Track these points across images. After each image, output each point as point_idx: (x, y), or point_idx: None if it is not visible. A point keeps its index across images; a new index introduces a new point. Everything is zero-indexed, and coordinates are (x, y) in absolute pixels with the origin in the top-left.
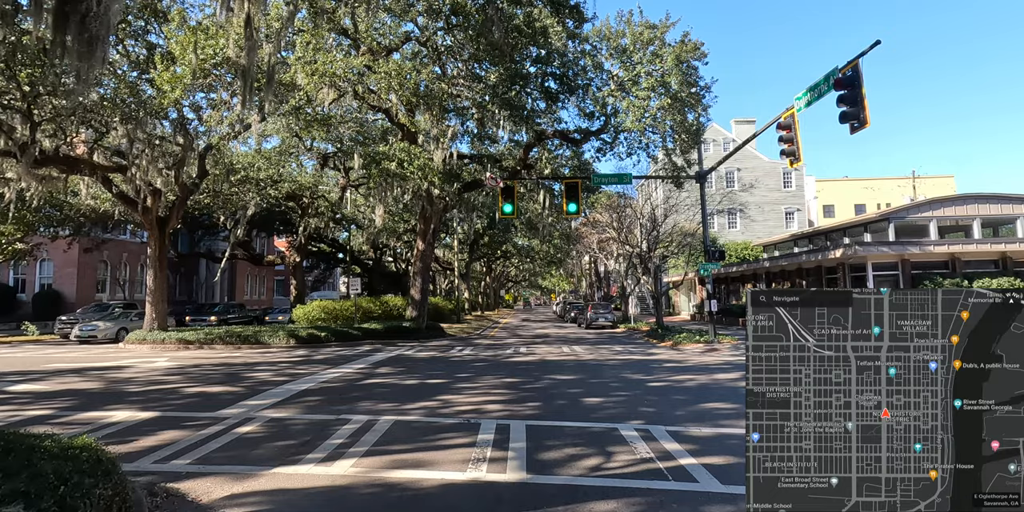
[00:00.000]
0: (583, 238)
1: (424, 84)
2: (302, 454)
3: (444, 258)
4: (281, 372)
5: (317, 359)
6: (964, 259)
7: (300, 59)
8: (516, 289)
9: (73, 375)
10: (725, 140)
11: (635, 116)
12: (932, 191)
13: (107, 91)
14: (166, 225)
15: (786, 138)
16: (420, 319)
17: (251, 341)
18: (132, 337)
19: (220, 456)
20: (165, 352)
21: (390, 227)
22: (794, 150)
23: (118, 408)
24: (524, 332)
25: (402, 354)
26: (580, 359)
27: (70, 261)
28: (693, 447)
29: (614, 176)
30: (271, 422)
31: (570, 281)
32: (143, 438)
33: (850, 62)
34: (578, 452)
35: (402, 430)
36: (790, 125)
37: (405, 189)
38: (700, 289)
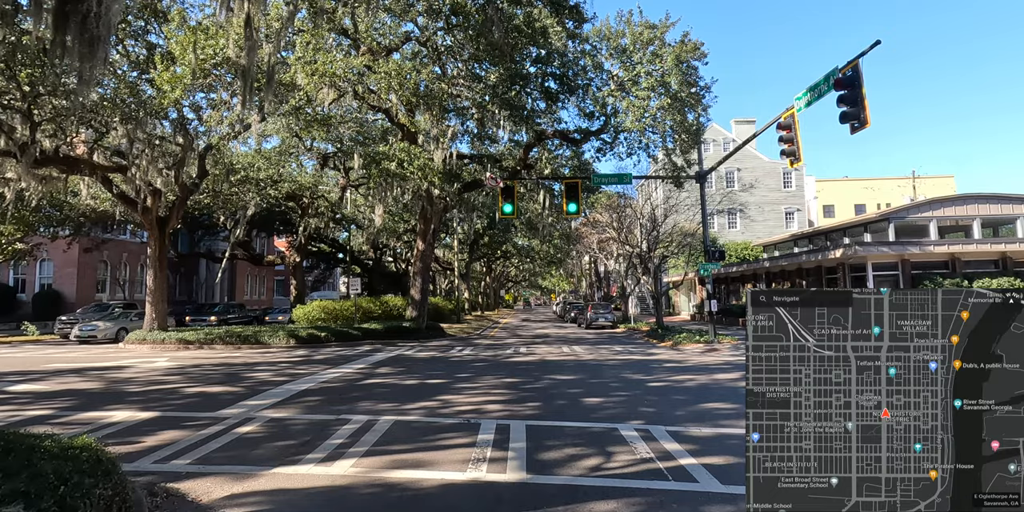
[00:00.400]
0: (583, 238)
1: (424, 84)
2: (302, 454)
3: (444, 258)
4: (281, 372)
5: (317, 359)
6: (964, 259)
7: (300, 59)
8: (516, 289)
9: (73, 375)
10: (725, 140)
11: (635, 116)
12: (932, 191)
13: (107, 91)
14: (166, 225)
15: (786, 138)
16: (420, 319)
17: (251, 341)
18: (132, 337)
19: (220, 456)
20: (165, 352)
21: (390, 227)
22: (794, 150)
23: (118, 408)
24: (524, 332)
25: (402, 354)
26: (580, 359)
27: (70, 261)
28: (693, 447)
29: (614, 176)
30: (271, 422)
31: (570, 281)
32: (143, 438)
33: (850, 62)
34: (578, 452)
35: (402, 430)
36: (790, 125)
37: (405, 189)
38: (700, 289)
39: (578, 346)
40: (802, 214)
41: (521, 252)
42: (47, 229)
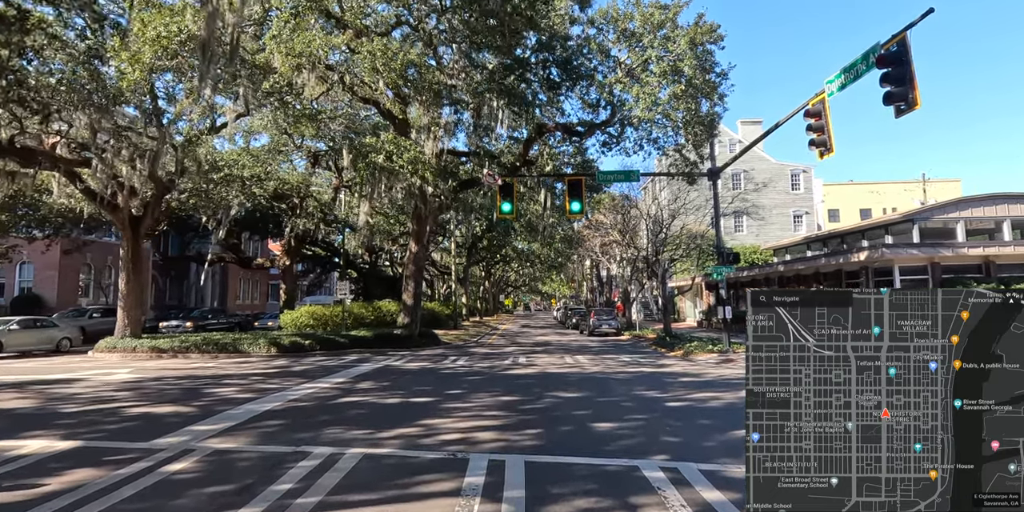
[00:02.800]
0: (585, 241)
1: (414, 70)
2: (234, 507)
3: (442, 262)
4: (249, 387)
5: (295, 371)
6: (998, 262)
7: (275, 38)
8: (516, 294)
9: (11, 390)
10: (731, 141)
11: (645, 104)
12: (940, 194)
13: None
14: (140, 224)
15: (815, 126)
16: (413, 326)
17: (229, 350)
18: (102, 345)
19: (128, 509)
20: (135, 362)
21: (384, 229)
22: (825, 140)
23: (37, 435)
24: (524, 339)
25: (390, 365)
26: (585, 371)
27: (51, 264)
28: (737, 495)
29: (621, 173)
30: (212, 456)
31: (571, 286)
32: (46, 480)
33: (895, 36)
34: (592, 505)
35: (370, 469)
36: (820, 112)
37: (394, 185)
38: (707, 295)
39: (582, 356)
40: (811, 217)
41: (521, 256)
42: (22, 230)
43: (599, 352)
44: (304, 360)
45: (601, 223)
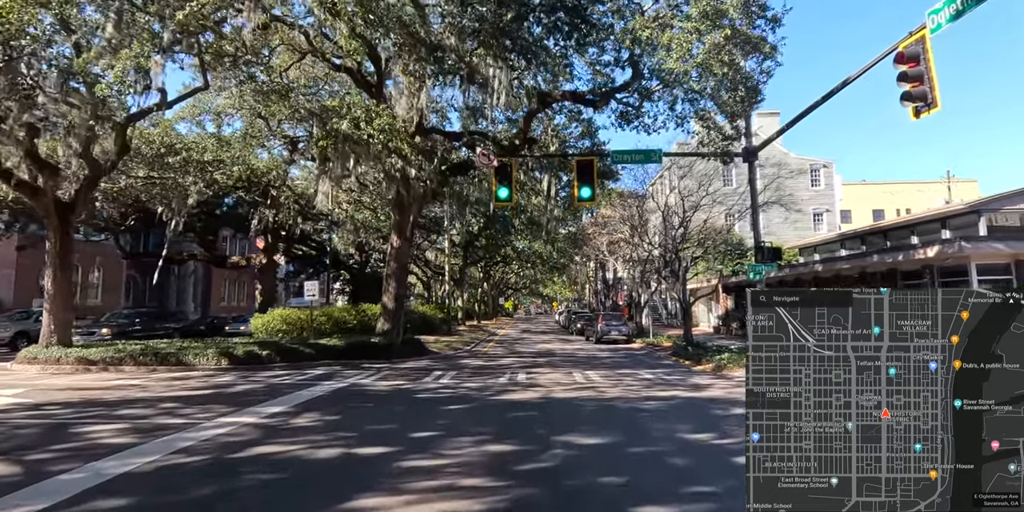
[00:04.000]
0: (590, 240)
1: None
2: None
3: (437, 261)
4: (144, 423)
5: (233, 393)
6: None
7: None
8: (516, 297)
9: None
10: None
11: (678, 54)
12: (957, 195)
13: None
14: (70, 212)
15: (912, 74)
16: (394, 332)
17: (172, 361)
18: (24, 355)
19: None
20: (53, 376)
21: (373, 225)
22: (924, 92)
23: None
24: (523, 347)
25: (356, 384)
26: (602, 396)
27: (7, 262)
28: None
29: (639, 152)
30: None
31: (573, 288)
32: None
33: None
34: None
35: None
36: (917, 55)
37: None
38: (724, 298)
39: (593, 372)
40: (832, 215)
41: (521, 256)
42: None
43: (613, 366)
44: (256, 375)
45: (609, 218)
